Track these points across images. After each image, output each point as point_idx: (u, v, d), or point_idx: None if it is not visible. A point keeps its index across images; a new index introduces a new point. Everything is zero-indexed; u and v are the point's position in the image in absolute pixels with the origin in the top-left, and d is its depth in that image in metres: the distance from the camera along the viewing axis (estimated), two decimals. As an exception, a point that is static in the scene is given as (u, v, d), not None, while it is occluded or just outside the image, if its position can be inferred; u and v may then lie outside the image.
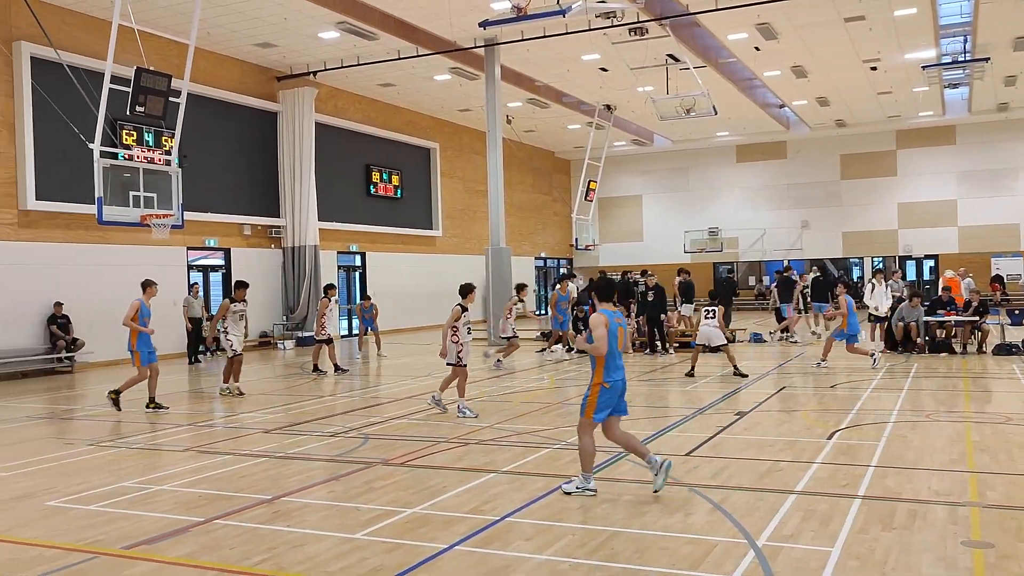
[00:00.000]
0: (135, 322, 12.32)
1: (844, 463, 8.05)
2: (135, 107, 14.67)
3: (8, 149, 18.33)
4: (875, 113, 35.47)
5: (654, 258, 40.65)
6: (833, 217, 40.00)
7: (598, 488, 7.09)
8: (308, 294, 25.24)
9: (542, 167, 41.75)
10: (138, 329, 12.37)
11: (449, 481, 7.69)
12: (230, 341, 14.13)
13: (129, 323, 12.34)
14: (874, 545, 5.62)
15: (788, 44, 24.57)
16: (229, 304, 14.25)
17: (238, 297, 14.40)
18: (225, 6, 19.69)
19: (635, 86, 28.26)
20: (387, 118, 30.53)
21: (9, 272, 18.21)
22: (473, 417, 11.12)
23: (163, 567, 5.56)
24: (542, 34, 22.32)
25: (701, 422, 10.50)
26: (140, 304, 12.42)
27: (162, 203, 15.44)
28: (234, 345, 14.14)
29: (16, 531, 6.50)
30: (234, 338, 14.19)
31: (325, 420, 11.45)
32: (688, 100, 24.30)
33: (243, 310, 14.49)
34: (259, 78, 25.13)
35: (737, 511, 6.47)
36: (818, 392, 13.07)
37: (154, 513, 6.89)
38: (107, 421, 11.96)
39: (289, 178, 25.51)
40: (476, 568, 5.38)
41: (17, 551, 5.99)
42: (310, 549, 5.84)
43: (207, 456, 9.20)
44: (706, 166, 42.35)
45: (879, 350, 18.30)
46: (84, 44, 19.32)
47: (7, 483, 8.15)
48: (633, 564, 5.38)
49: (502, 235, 24.04)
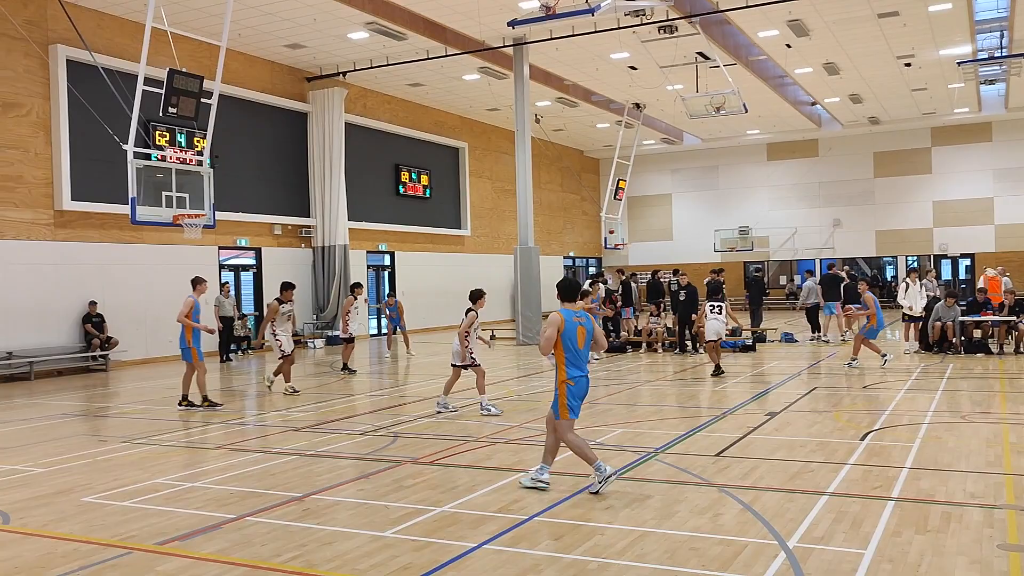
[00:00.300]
0: (189, 319, 12.58)
1: (877, 464, 7.95)
2: (168, 108, 14.83)
3: (45, 150, 18.63)
4: (909, 110, 34.99)
5: (684, 257, 40.45)
6: (866, 216, 39.52)
7: (628, 489, 7.05)
8: (338, 293, 25.39)
9: (571, 166, 41.68)
10: (194, 326, 12.65)
11: (477, 480, 7.70)
12: (279, 341, 14.26)
13: (184, 319, 12.57)
14: (907, 548, 5.54)
15: (820, 41, 24.31)
16: (278, 305, 14.36)
17: (285, 298, 14.52)
18: (256, 8, 19.87)
19: (664, 84, 28.11)
20: (416, 118, 30.64)
21: (45, 271, 18.52)
22: (498, 414, 11.15)
23: (196, 563, 5.62)
24: (571, 33, 22.27)
25: (731, 422, 10.42)
26: (194, 301, 12.71)
27: (194, 203, 15.59)
28: (283, 345, 14.27)
29: (53, 526, 6.60)
30: (283, 338, 14.31)
31: (354, 419, 11.51)
32: (718, 98, 24.11)
33: (291, 310, 14.61)
34: (289, 79, 25.33)
35: (768, 512, 6.42)
36: (850, 392, 12.92)
37: (187, 510, 6.97)
38: (140, 419, 12.12)
39: (319, 178, 25.68)
40: (504, 567, 5.38)
41: (55, 545, 6.09)
42: (340, 547, 5.87)
43: (238, 454, 9.29)
44: (736, 164, 42.03)
45: (913, 350, 18.09)
46: (118, 47, 19.59)
47: (45, 479, 8.29)
48: (663, 565, 5.36)
49: (531, 234, 24.04)
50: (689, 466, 8.04)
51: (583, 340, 7.17)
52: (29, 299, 18.15)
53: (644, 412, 11.40)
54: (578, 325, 7.13)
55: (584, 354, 7.22)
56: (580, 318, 7.18)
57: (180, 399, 12.92)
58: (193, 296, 12.78)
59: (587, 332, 7.21)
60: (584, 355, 7.22)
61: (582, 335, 7.15)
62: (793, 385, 13.82)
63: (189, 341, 12.63)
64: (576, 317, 7.15)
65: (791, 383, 14.07)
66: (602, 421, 10.75)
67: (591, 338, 7.25)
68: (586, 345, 7.23)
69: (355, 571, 5.38)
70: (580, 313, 7.23)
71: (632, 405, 12.14)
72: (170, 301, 20.56)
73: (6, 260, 17.76)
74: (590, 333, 7.24)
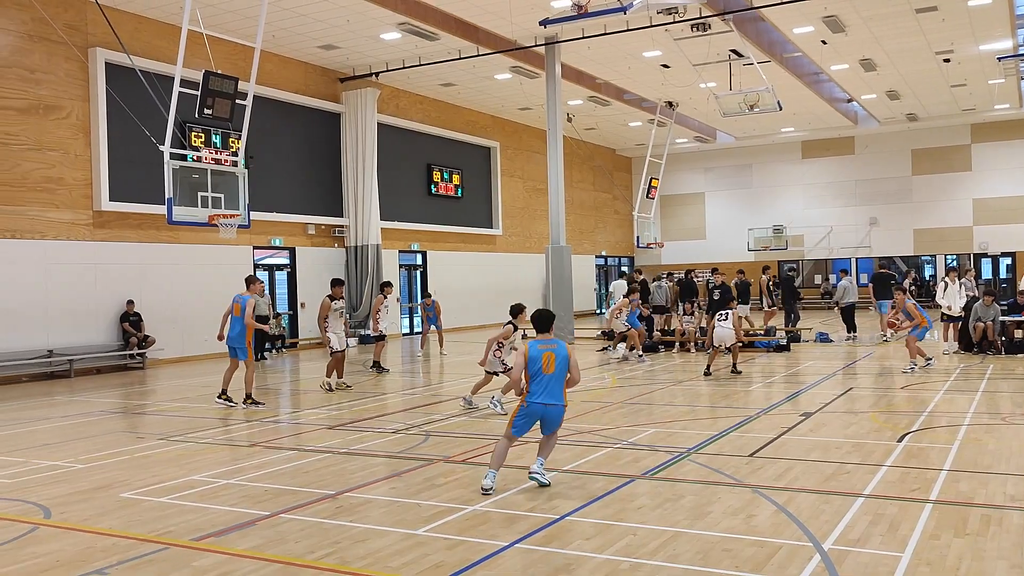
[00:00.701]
0: (253, 319, 12.77)
1: (915, 466, 7.84)
2: (203, 109, 15.01)
3: (84, 152, 18.95)
4: (948, 106, 34.42)
5: (717, 256, 40.14)
6: (903, 214, 38.94)
7: (660, 490, 7.01)
8: (371, 293, 25.54)
9: (603, 165, 41.56)
10: (258, 326, 12.91)
11: (508, 479, 7.70)
12: (329, 338, 14.38)
13: (251, 322, 12.69)
14: (946, 551, 5.46)
15: (856, 37, 24.00)
16: (329, 302, 14.47)
17: (336, 294, 14.63)
18: (290, 9, 20.05)
19: (697, 82, 27.92)
20: (448, 118, 30.73)
21: (84, 271, 18.84)
22: (502, 413, 11.10)
23: (231, 559, 5.69)
24: (603, 31, 22.19)
25: (765, 422, 10.33)
26: (255, 301, 12.90)
27: (229, 203, 15.76)
28: (333, 342, 14.38)
29: (93, 521, 6.72)
30: (333, 336, 14.42)
31: (387, 417, 11.58)
32: (752, 96, 23.89)
33: (342, 307, 14.74)
34: (323, 80, 25.52)
35: (802, 513, 6.35)
36: (887, 394, 12.75)
37: (222, 506, 7.05)
38: (177, 417, 12.28)
39: (352, 178, 25.85)
40: (536, 566, 5.37)
41: (94, 540, 6.20)
42: (373, 544, 5.91)
43: (272, 451, 9.37)
44: (770, 162, 41.64)
45: (952, 350, 17.80)
46: (155, 49, 19.87)
47: (85, 475, 8.43)
48: (695, 565, 5.32)
49: (562, 234, 24.00)
50: (722, 466, 7.98)
51: (550, 365, 7.21)
52: (69, 298, 18.48)
53: (677, 412, 11.34)
54: (545, 352, 7.27)
55: (548, 380, 7.20)
56: (549, 346, 7.31)
57: (220, 392, 13.05)
58: (249, 296, 12.80)
59: (557, 357, 7.24)
60: (548, 382, 7.21)
61: (549, 361, 7.22)
62: (828, 385, 13.67)
63: (249, 340, 12.73)
64: (543, 345, 7.31)
65: (826, 383, 13.91)
66: (634, 421, 10.71)
67: (565, 364, 7.28)
68: (557, 370, 7.21)
69: (387, 569, 5.41)
70: (552, 341, 7.38)
71: (665, 405, 12.07)
72: (206, 300, 20.89)
73: (47, 260, 18.10)
74: (561, 359, 7.26)
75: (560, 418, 7.38)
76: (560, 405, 7.30)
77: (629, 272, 28.88)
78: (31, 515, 6.95)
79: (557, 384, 7.26)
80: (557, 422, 7.38)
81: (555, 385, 7.26)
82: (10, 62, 17.58)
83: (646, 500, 6.85)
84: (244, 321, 12.63)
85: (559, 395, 7.29)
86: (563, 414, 7.39)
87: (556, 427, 7.41)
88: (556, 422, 7.38)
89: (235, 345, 12.82)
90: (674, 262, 42.18)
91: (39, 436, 10.88)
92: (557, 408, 7.30)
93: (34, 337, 17.78)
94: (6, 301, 17.38)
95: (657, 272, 29.22)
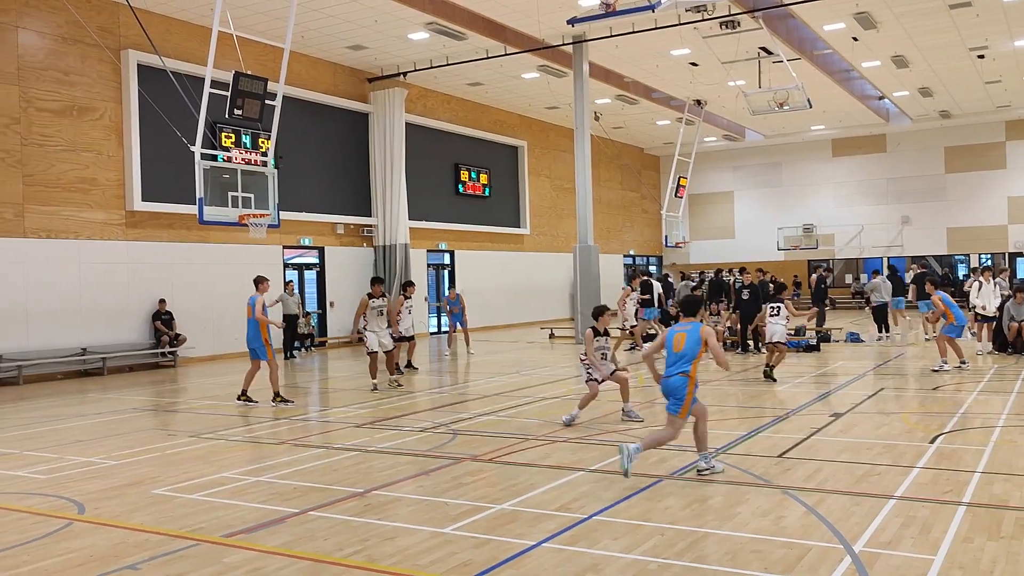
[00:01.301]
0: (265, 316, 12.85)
1: (947, 468, 7.73)
2: (233, 110, 15.13)
3: (117, 153, 19.21)
4: (982, 103, 33.89)
5: (746, 255, 39.82)
6: (936, 212, 38.41)
7: (689, 490, 6.97)
8: (399, 292, 25.64)
9: (631, 164, 41.41)
10: (270, 322, 12.98)
11: (537, 478, 7.70)
12: (366, 337, 14.44)
13: (263, 317, 12.80)
14: (979, 555, 5.37)
15: (888, 33, 23.71)
16: (368, 300, 14.50)
17: (375, 292, 14.66)
18: (319, 10, 20.18)
19: (726, 80, 27.74)
20: (475, 117, 30.77)
21: (117, 270, 19.10)
22: (639, 421, 10.47)
23: (260, 556, 5.74)
24: (631, 30, 22.11)
25: (794, 423, 10.23)
26: (264, 300, 13.00)
27: (259, 203, 15.89)
28: (369, 341, 14.42)
29: (126, 517, 6.81)
30: (371, 335, 14.43)
31: (414, 416, 11.62)
32: (781, 93, 23.66)
33: (381, 306, 14.69)
34: (351, 80, 25.67)
35: (832, 515, 6.29)
36: (919, 394, 12.58)
37: (252, 503, 7.12)
38: (207, 415, 12.41)
39: (380, 178, 25.97)
40: (564, 566, 5.37)
41: (127, 536, 6.28)
42: (401, 542, 5.93)
43: (301, 449, 9.44)
44: (800, 161, 41.25)
45: (986, 351, 17.53)
46: (186, 51, 20.09)
47: (117, 471, 8.55)
48: (724, 567, 5.29)
49: (590, 233, 23.95)
50: (751, 467, 7.93)
51: (679, 344, 7.73)
52: (102, 297, 18.75)
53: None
54: (676, 334, 7.84)
55: (677, 358, 7.71)
56: (684, 327, 7.89)
57: (240, 393, 13.18)
58: (257, 296, 12.99)
59: (688, 338, 7.73)
60: (676, 359, 7.72)
61: (677, 340, 7.76)
62: (859, 386, 13.52)
63: (265, 338, 12.85)
64: (678, 328, 7.93)
65: (857, 384, 13.76)
66: (662, 420, 10.64)
67: (695, 344, 7.72)
68: (685, 348, 7.70)
69: (416, 566, 5.43)
70: (688, 324, 7.92)
71: (693, 405, 11.98)
72: (236, 299, 21.02)
73: (81, 259, 18.37)
74: (692, 339, 7.71)
75: (675, 385, 7.65)
76: (677, 374, 7.65)
77: (659, 272, 28.77)
78: (66, 510, 7.06)
79: (684, 360, 7.68)
80: (673, 389, 7.65)
81: (680, 361, 7.68)
82: (45, 64, 17.87)
83: (674, 500, 6.82)
84: (256, 318, 12.74)
85: (681, 367, 7.67)
86: (681, 381, 7.62)
87: (676, 395, 7.62)
88: (673, 389, 7.65)
89: (253, 346, 12.95)
90: (702, 261, 41.97)
91: (73, 433, 11.05)
92: (673, 377, 7.67)
93: (69, 335, 18.05)
94: (42, 300, 17.66)
95: (686, 271, 29.09)
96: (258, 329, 12.85)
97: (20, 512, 7.09)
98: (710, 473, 7.61)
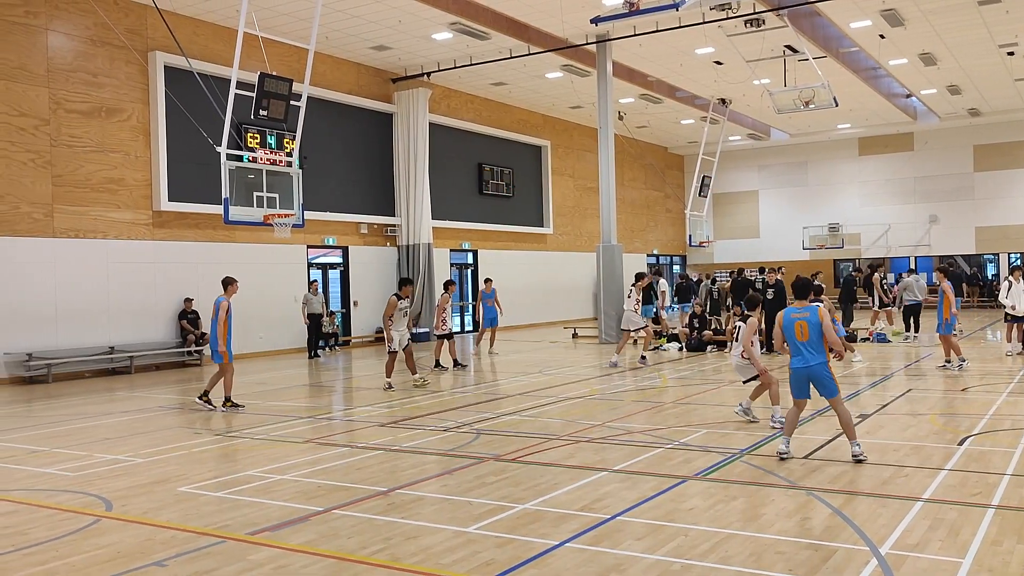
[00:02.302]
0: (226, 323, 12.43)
1: (976, 470, 7.63)
2: (259, 111, 15.25)
3: (144, 154, 19.41)
4: (1012, 101, 33.41)
5: (771, 255, 39.57)
6: (965, 211, 37.92)
7: (713, 491, 6.92)
8: (422, 291, 25.73)
9: (655, 163, 41.26)
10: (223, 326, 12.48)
11: (560, 478, 7.69)
12: (392, 336, 14.51)
13: (224, 319, 12.40)
14: (1008, 558, 5.30)
15: (916, 30, 23.44)
16: (396, 301, 14.56)
17: (404, 294, 14.73)
18: (343, 11, 20.28)
19: (751, 79, 27.55)
20: (499, 117, 30.79)
21: (144, 270, 19.30)
22: (781, 422, 9.62)
23: (285, 553, 5.78)
24: (654, 28, 22.02)
25: (820, 424, 10.15)
26: (228, 304, 12.59)
27: (284, 203, 15.99)
28: (393, 341, 14.49)
29: (153, 514, 6.88)
30: (396, 335, 14.52)
31: (438, 415, 11.64)
32: (807, 92, 23.46)
33: (408, 307, 14.81)
34: (375, 80, 25.77)
35: (858, 517, 6.23)
36: (948, 395, 12.44)
37: (276, 501, 7.16)
38: (232, 413, 12.50)
39: (404, 178, 26.05)
40: (587, 566, 5.36)
41: (154, 532, 6.35)
42: (424, 541, 5.95)
43: (325, 448, 9.49)
44: (826, 160, 40.89)
45: (1016, 351, 17.29)
46: (212, 52, 20.26)
47: (144, 469, 8.64)
48: (748, 568, 5.25)
49: (613, 232, 23.88)
50: (776, 468, 7.87)
51: (803, 333, 8.08)
52: (129, 296, 18.95)
53: (729, 412, 11.19)
54: (796, 321, 8.16)
55: (805, 347, 8.07)
56: (802, 314, 8.18)
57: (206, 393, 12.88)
58: (223, 299, 12.59)
59: (810, 325, 8.06)
60: (805, 347, 8.08)
61: (800, 329, 8.10)
62: (886, 387, 13.38)
63: (223, 343, 12.43)
64: (795, 314, 8.22)
65: (884, 384, 13.62)
66: (686, 421, 10.61)
67: (818, 330, 8.05)
68: (812, 337, 8.04)
69: (439, 565, 5.44)
70: (805, 309, 8.24)
71: (717, 405, 11.94)
72: (261, 298, 21.28)
73: (109, 259, 18.58)
74: (814, 326, 8.05)
75: (819, 374, 7.99)
76: (819, 362, 7.99)
77: (683, 271, 28.65)
78: (94, 507, 7.15)
79: (815, 346, 8.01)
80: (822, 377, 7.97)
81: (812, 348, 8.01)
82: (74, 67, 18.09)
83: (698, 501, 6.79)
84: (218, 325, 12.37)
85: (817, 354, 8.01)
86: (821, 369, 7.99)
87: (827, 384, 7.98)
88: (821, 377, 7.98)
89: (213, 348, 12.60)
90: (726, 261, 41.72)
91: (101, 431, 11.18)
92: (818, 365, 7.97)
93: (97, 334, 18.27)
94: (71, 299, 17.88)
95: (710, 271, 28.93)
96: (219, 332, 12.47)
97: (50, 509, 7.19)
98: (788, 456, 8.09)
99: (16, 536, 6.37)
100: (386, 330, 14.64)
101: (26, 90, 17.28)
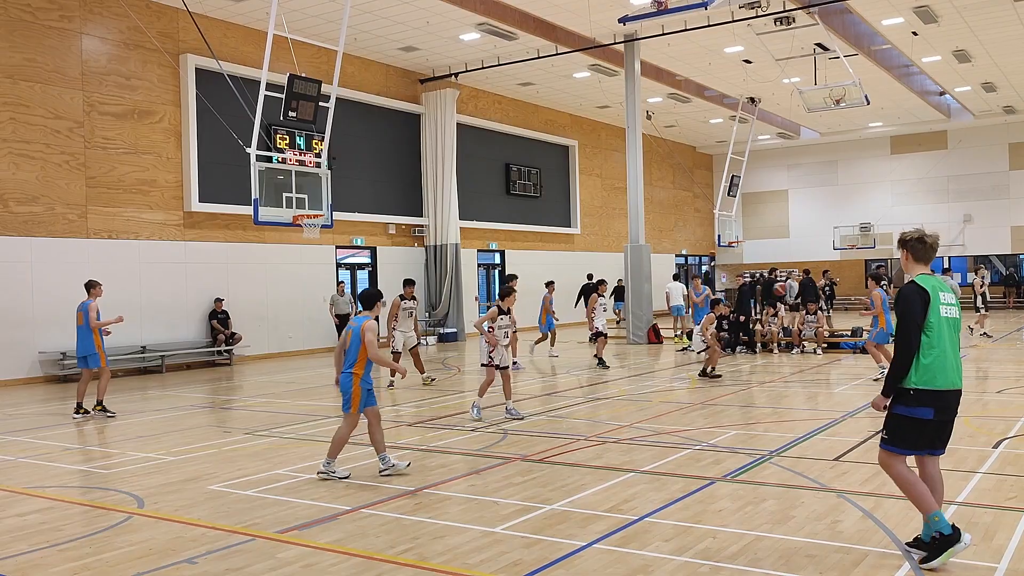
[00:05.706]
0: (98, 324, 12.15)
1: (1011, 474, 7.51)
2: (288, 112, 15.37)
3: (175, 155, 19.64)
4: (1048, 98, 32.88)
5: (801, 255, 39.24)
6: (1000, 210, 37.34)
7: (741, 492, 6.87)
8: (450, 291, 25.79)
9: (683, 163, 41.04)
10: (100, 326, 12.21)
11: (587, 479, 7.67)
12: (394, 336, 14.58)
13: (96, 323, 12.09)
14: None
15: (949, 27, 23.11)
16: (400, 301, 14.64)
17: (407, 294, 14.80)
18: (371, 12, 20.38)
19: (781, 77, 27.32)
20: (526, 117, 30.79)
21: (175, 270, 19.53)
22: (519, 419, 10.39)
23: (314, 552, 5.81)
24: (683, 27, 21.90)
25: (850, 426, 10.04)
26: (96, 306, 12.29)
27: (313, 204, 16.11)
28: (396, 341, 14.56)
29: (183, 511, 6.95)
30: (399, 335, 14.59)
31: (464, 415, 11.65)
32: (838, 90, 23.22)
33: (412, 307, 14.86)
34: (403, 81, 25.87)
35: (890, 520, 6.15)
36: (982, 398, 12.24)
37: (305, 500, 7.21)
38: (262, 412, 12.61)
39: (431, 178, 26.13)
40: (614, 567, 5.34)
41: (184, 530, 6.41)
42: (451, 541, 5.96)
43: (353, 447, 9.53)
44: (857, 159, 40.44)
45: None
46: (242, 54, 20.46)
47: (175, 467, 8.73)
48: (778, 571, 5.20)
49: (641, 232, 23.79)
50: (806, 470, 7.79)
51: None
52: (161, 296, 19.18)
53: (759, 414, 11.12)
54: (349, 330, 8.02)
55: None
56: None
57: (80, 406, 12.35)
58: (90, 301, 12.29)
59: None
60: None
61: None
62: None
63: (99, 345, 12.20)
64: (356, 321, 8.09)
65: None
66: (715, 422, 10.54)
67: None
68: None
69: (466, 565, 5.45)
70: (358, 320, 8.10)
71: (746, 406, 11.85)
72: (290, 298, 21.47)
73: (141, 259, 18.82)
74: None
75: None
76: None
77: (705, 271, 28.45)
78: (126, 504, 7.24)
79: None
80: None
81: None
82: (108, 70, 18.34)
83: (727, 503, 6.73)
84: (90, 326, 12.12)
85: None
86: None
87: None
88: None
89: (84, 354, 12.20)
90: (756, 261, 41.41)
91: (133, 429, 11.32)
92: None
93: (129, 333, 18.48)
94: (104, 299, 17.98)
95: (739, 271, 28.71)
96: (91, 337, 12.16)
97: (83, 505, 7.29)
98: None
99: (51, 532, 6.47)
100: (388, 331, 14.68)
101: (61, 93, 17.55)
